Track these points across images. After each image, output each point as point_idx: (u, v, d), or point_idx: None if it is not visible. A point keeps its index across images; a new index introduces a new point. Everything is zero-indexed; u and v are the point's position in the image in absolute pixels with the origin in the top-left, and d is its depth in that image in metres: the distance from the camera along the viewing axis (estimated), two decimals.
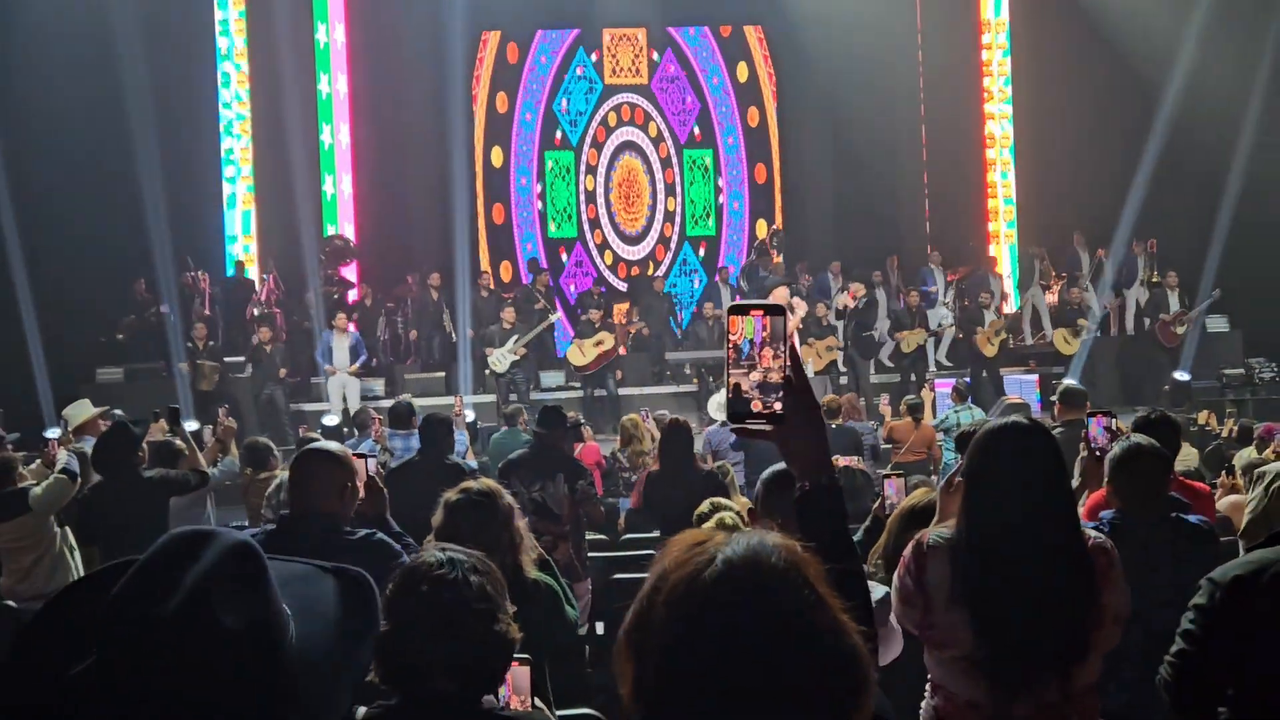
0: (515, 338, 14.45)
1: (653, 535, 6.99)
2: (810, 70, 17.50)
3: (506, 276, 17.21)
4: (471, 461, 8.62)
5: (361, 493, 3.69)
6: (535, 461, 6.55)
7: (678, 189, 18.59)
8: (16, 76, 14.13)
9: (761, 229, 18.56)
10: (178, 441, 7.04)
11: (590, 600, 6.30)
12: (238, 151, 16.55)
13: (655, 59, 18.38)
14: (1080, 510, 4.09)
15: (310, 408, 14.35)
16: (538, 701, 2.89)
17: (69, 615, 1.37)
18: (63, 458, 6.55)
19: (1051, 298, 16.50)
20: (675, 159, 18.58)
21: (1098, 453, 4.07)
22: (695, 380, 15.06)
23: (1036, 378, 14.60)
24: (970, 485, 2.71)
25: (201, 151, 16.09)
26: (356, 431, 11.12)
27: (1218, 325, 15.96)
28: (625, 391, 14.86)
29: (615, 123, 18.34)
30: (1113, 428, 4.20)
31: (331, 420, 13.23)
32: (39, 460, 7.89)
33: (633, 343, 15.58)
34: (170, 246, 14.56)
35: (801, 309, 13.91)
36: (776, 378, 1.64)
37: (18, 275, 13.62)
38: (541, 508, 6.26)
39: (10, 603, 5.93)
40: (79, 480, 6.38)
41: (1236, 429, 9.96)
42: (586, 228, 18.15)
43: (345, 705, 1.78)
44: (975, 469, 2.72)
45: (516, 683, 2.70)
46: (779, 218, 18.78)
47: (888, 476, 4.61)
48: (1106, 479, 3.86)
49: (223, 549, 1.36)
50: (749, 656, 1.19)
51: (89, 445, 7.23)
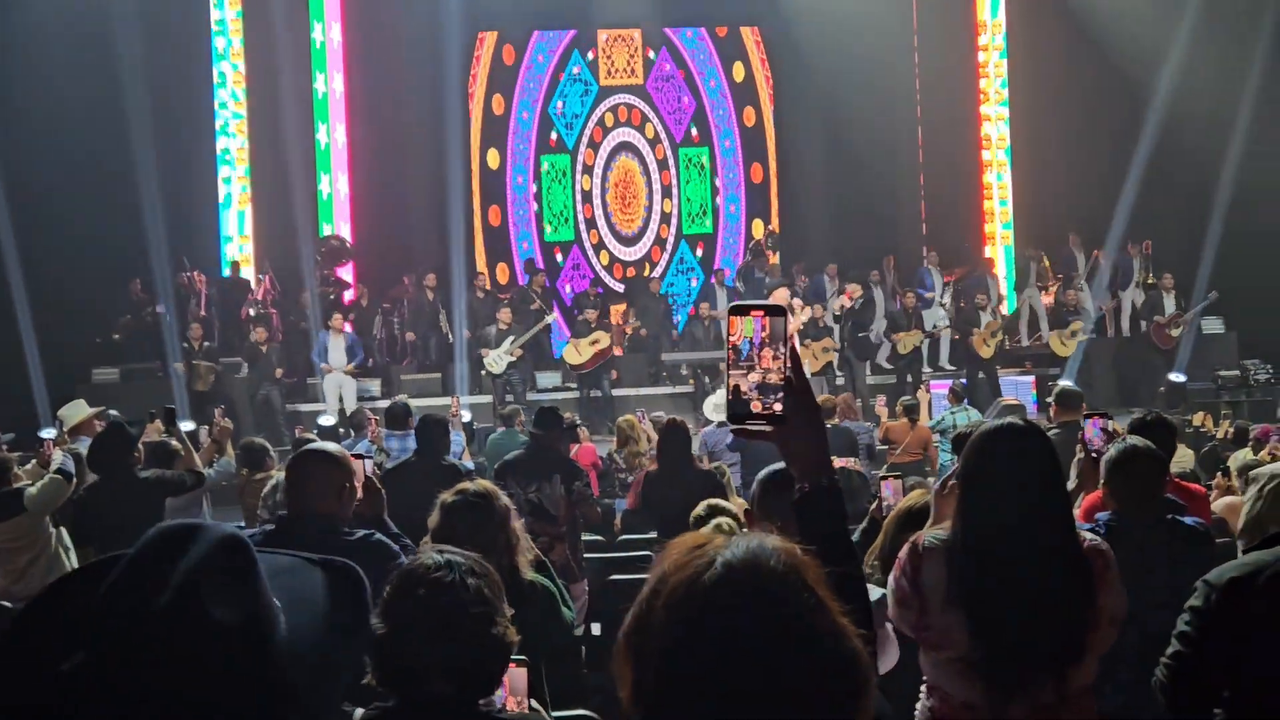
0: (512, 339, 14.43)
1: (649, 536, 6.98)
2: (807, 71, 17.51)
3: (503, 279, 17.17)
4: (468, 462, 8.62)
5: (359, 493, 3.68)
6: (531, 462, 6.54)
7: (674, 191, 18.58)
8: (13, 76, 14.11)
9: (758, 229, 18.56)
10: (173, 442, 7.04)
11: (587, 601, 6.29)
12: (234, 151, 16.52)
13: (651, 57, 18.35)
14: (1076, 512, 4.10)
15: (306, 408, 14.33)
16: (534, 703, 2.89)
17: (59, 610, 1.36)
18: (58, 458, 6.54)
19: (1048, 299, 16.51)
20: (671, 159, 18.56)
21: (1094, 454, 4.07)
22: (691, 381, 15.06)
23: (1033, 379, 14.61)
24: (966, 487, 2.71)
25: (198, 151, 16.06)
26: (353, 432, 11.11)
27: (1213, 327, 15.97)
28: (622, 392, 14.85)
29: (612, 123, 18.33)
30: (1109, 429, 4.20)
31: (327, 420, 13.22)
32: (34, 460, 7.87)
33: (629, 343, 15.57)
34: (166, 246, 14.54)
35: (805, 313, 13.92)
36: (776, 379, 1.63)
37: (13, 275, 13.58)
38: (538, 509, 6.25)
39: (5, 603, 5.92)
40: (74, 480, 6.38)
41: (1232, 430, 9.97)
42: (583, 227, 18.12)
43: (338, 698, 1.77)
44: (971, 470, 2.72)
45: (513, 684, 2.70)
46: (775, 218, 18.78)
47: (885, 478, 4.61)
48: (1102, 480, 3.86)
49: (212, 542, 1.35)
50: (749, 660, 1.18)
51: (84, 446, 7.23)
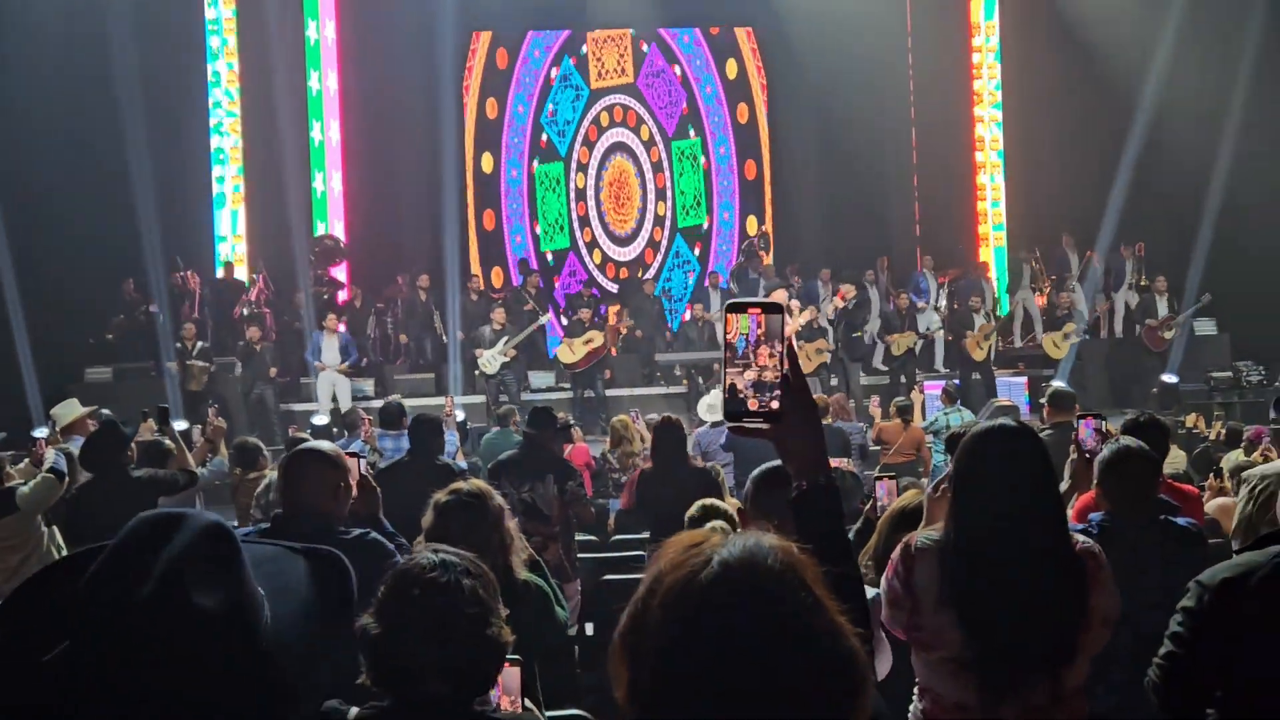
0: (505, 339, 14.43)
1: (642, 536, 6.98)
2: (800, 71, 17.52)
3: (498, 282, 17.10)
4: (461, 462, 8.60)
5: (355, 491, 3.68)
6: (525, 462, 6.53)
7: (668, 195, 18.57)
8: (7, 75, 14.05)
9: (752, 225, 18.59)
10: (166, 441, 7.04)
11: (580, 601, 6.29)
12: (228, 150, 16.49)
13: (644, 50, 18.30)
14: (1069, 512, 4.11)
15: (300, 407, 14.30)
16: (528, 702, 2.90)
17: (42, 601, 1.35)
18: (50, 457, 6.53)
19: (1041, 300, 16.55)
20: (665, 160, 18.55)
21: (1087, 455, 4.08)
22: (685, 382, 15.06)
23: (1025, 380, 14.62)
24: (958, 488, 2.72)
25: (192, 150, 16.02)
26: (346, 432, 11.09)
27: (1205, 329, 16.01)
28: (615, 393, 14.84)
29: (608, 123, 18.31)
30: (1102, 430, 4.21)
31: (321, 420, 13.19)
32: (27, 459, 7.88)
33: (623, 344, 15.57)
34: (160, 246, 14.52)
35: (804, 315, 13.91)
36: (771, 376, 1.62)
37: (6, 274, 13.54)
38: (531, 509, 6.25)
39: None
40: (66, 480, 6.37)
41: (1224, 432, 9.99)
42: (576, 225, 18.09)
43: (325, 686, 1.77)
44: (963, 471, 2.72)
45: (507, 684, 2.70)
46: (769, 217, 18.80)
47: (879, 478, 4.62)
48: (1095, 481, 3.87)
49: (195, 530, 1.34)
50: (745, 659, 1.18)
51: (77, 445, 7.22)
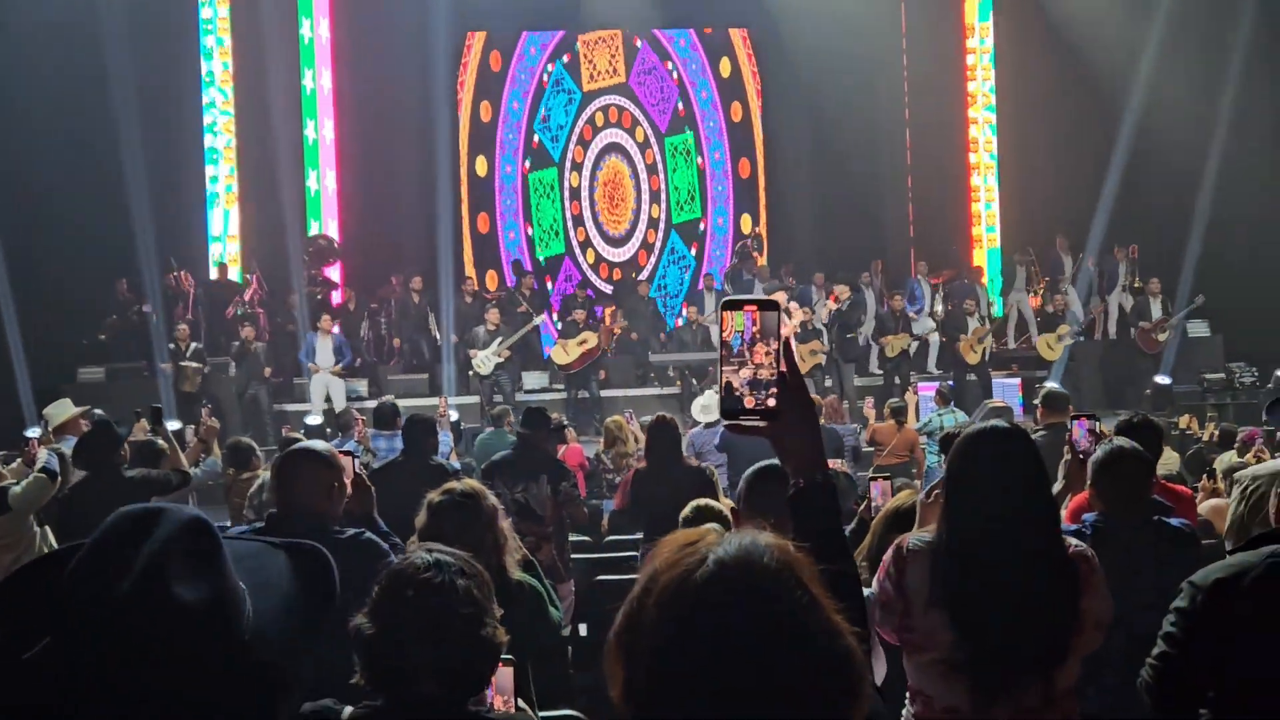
0: (500, 340, 14.42)
1: (636, 537, 6.98)
2: (794, 72, 17.53)
3: (492, 285, 17.01)
4: (455, 463, 8.60)
5: (349, 490, 3.67)
6: (519, 463, 6.53)
7: (662, 196, 18.56)
8: (1, 75, 14.04)
9: (746, 224, 18.59)
10: (160, 441, 7.02)
11: (574, 602, 6.28)
12: (221, 150, 16.47)
13: (637, 45, 18.25)
14: (1063, 513, 4.11)
15: (293, 408, 14.29)
16: (521, 702, 2.89)
17: (23, 597, 1.35)
18: (43, 457, 6.51)
19: (1035, 302, 16.57)
20: (660, 162, 18.53)
21: (1080, 455, 4.08)
22: (679, 383, 15.06)
23: (1019, 381, 14.63)
24: (950, 489, 2.72)
25: (185, 150, 16.00)
26: (340, 433, 11.09)
27: (1199, 330, 16.03)
28: (609, 393, 14.84)
29: (602, 123, 18.30)
30: (1095, 431, 4.21)
31: (314, 420, 13.18)
32: (19, 459, 7.85)
33: (616, 345, 15.56)
34: (154, 246, 14.49)
35: (800, 315, 13.89)
36: (767, 374, 1.61)
37: None
38: (524, 509, 6.24)
39: None
40: (59, 479, 6.35)
41: (1217, 433, 10.00)
42: (570, 224, 18.07)
43: (308, 681, 1.76)
44: (954, 473, 2.72)
45: (500, 684, 2.70)
46: (763, 216, 18.80)
47: (874, 479, 4.62)
48: (1089, 482, 3.87)
49: (175, 525, 1.34)
50: (741, 658, 1.18)
51: (69, 445, 7.20)
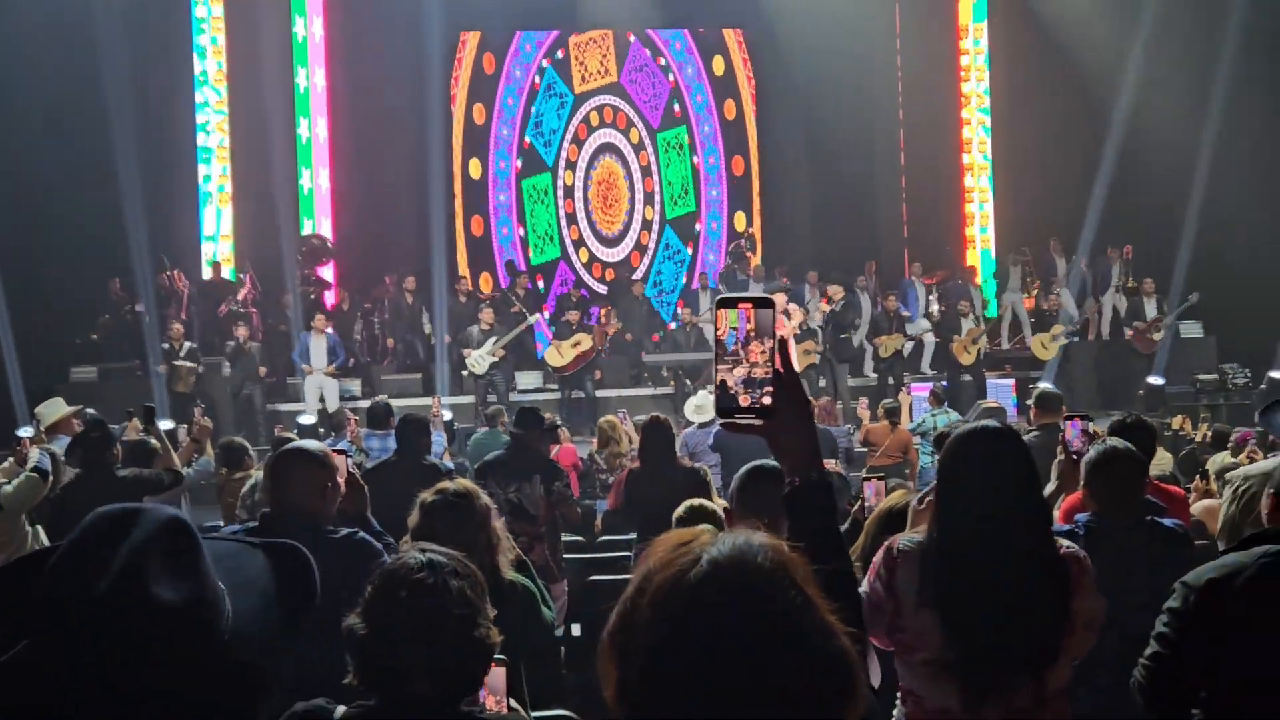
0: (494, 339, 14.40)
1: (629, 537, 6.98)
2: (789, 73, 17.55)
3: (486, 288, 16.98)
4: (448, 462, 8.59)
5: (343, 489, 3.66)
6: (512, 462, 6.52)
7: (656, 198, 18.55)
8: None
9: (740, 221, 18.60)
10: (152, 441, 7.01)
11: (567, 602, 6.28)
12: (215, 149, 16.44)
13: (629, 39, 18.23)
14: (1056, 513, 4.11)
15: (286, 407, 14.27)
16: (514, 702, 2.89)
17: (2, 599, 1.35)
18: (35, 456, 6.49)
19: (1029, 302, 16.59)
20: (654, 163, 18.52)
21: (1074, 456, 4.09)
22: (672, 383, 15.06)
23: (1013, 382, 14.64)
24: (941, 489, 2.71)
25: (179, 149, 15.98)
26: (333, 433, 11.07)
27: (1191, 331, 16.06)
28: (603, 394, 14.84)
29: (597, 122, 18.29)
30: (1089, 431, 4.21)
31: (307, 420, 13.16)
32: (11, 459, 7.83)
33: (610, 345, 15.56)
34: (147, 245, 14.46)
35: (799, 316, 13.88)
36: (762, 373, 1.61)
37: None
38: (517, 509, 6.23)
39: None
40: (51, 479, 6.33)
41: (1210, 434, 10.02)
42: (564, 224, 18.05)
43: (289, 680, 1.76)
44: (946, 473, 2.72)
45: (493, 684, 2.69)
46: (757, 215, 18.81)
47: (867, 479, 4.62)
48: (1082, 482, 3.87)
49: (154, 525, 1.34)
50: (735, 658, 1.17)
51: (62, 444, 7.18)
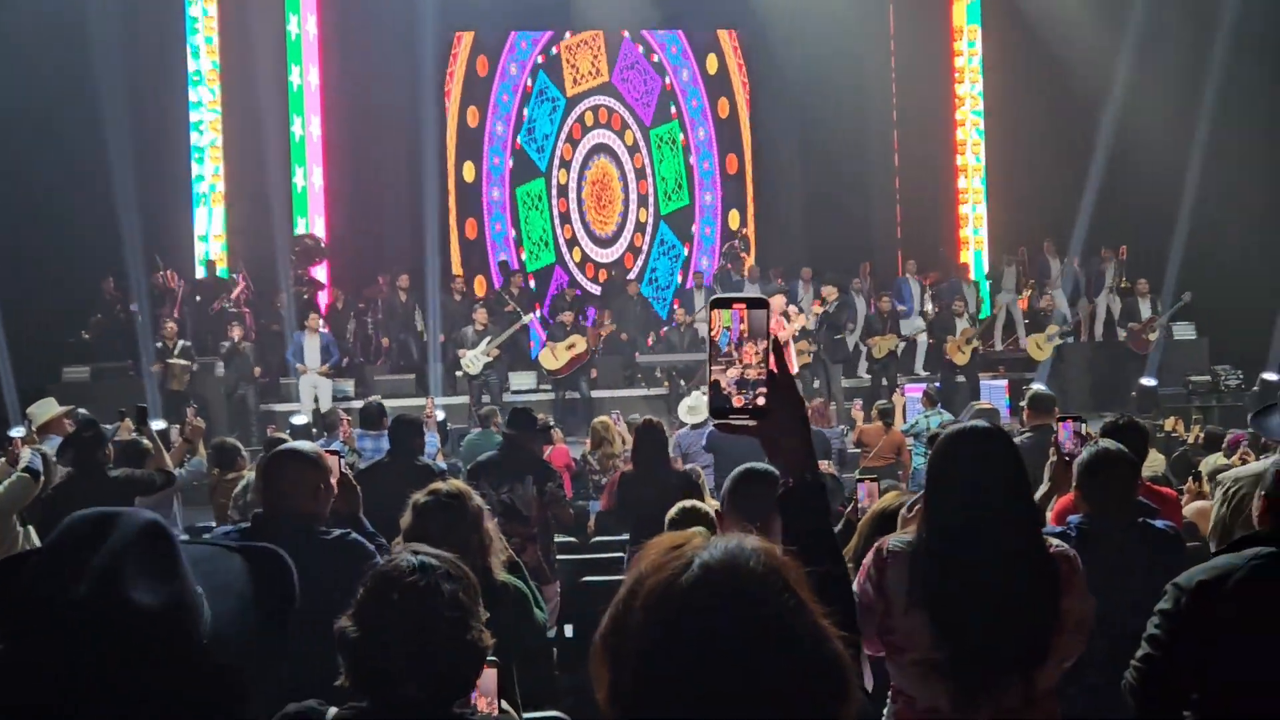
0: (488, 339, 14.39)
1: (622, 539, 6.97)
2: (783, 73, 17.56)
3: (481, 290, 16.94)
4: (441, 463, 8.58)
5: (335, 490, 3.66)
6: (504, 463, 6.52)
7: (650, 199, 18.55)
8: None
9: (734, 220, 18.61)
10: (144, 441, 6.99)
11: (559, 603, 6.27)
12: (208, 148, 16.41)
13: (622, 35, 18.20)
14: (1049, 514, 4.12)
15: (280, 408, 14.25)
16: (505, 704, 2.88)
17: None
18: (26, 456, 6.48)
19: (1023, 303, 16.60)
20: (649, 164, 18.51)
21: (1066, 457, 4.09)
22: (666, 384, 15.06)
23: (1006, 383, 14.66)
24: (930, 490, 2.71)
25: (172, 148, 15.94)
26: (326, 433, 11.06)
27: (1184, 333, 16.09)
28: (596, 394, 14.82)
29: (591, 123, 18.28)
30: (1081, 432, 4.22)
31: (300, 420, 13.14)
32: (2, 459, 7.80)
33: (604, 345, 15.55)
34: (140, 244, 14.42)
35: (799, 320, 13.88)
36: (755, 374, 1.60)
37: None
38: (510, 510, 6.22)
39: None
40: (42, 479, 6.32)
41: (1203, 435, 10.03)
42: (558, 223, 18.03)
43: (272, 681, 1.75)
44: (935, 473, 2.72)
45: (484, 685, 2.68)
46: (751, 216, 18.82)
47: (860, 480, 4.63)
48: (1075, 484, 3.88)
49: (132, 529, 1.33)
50: (727, 661, 1.17)
51: (53, 444, 7.17)
